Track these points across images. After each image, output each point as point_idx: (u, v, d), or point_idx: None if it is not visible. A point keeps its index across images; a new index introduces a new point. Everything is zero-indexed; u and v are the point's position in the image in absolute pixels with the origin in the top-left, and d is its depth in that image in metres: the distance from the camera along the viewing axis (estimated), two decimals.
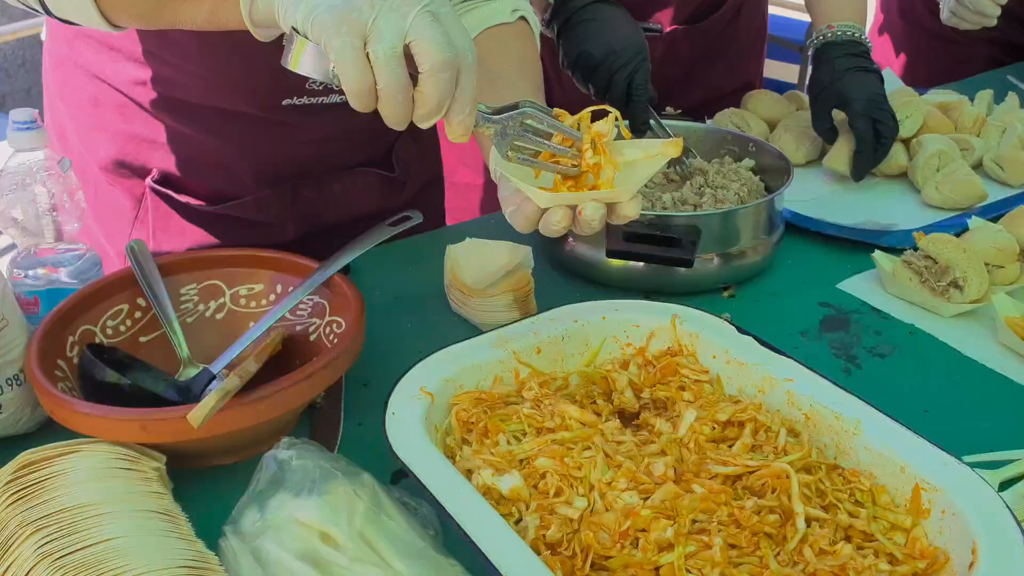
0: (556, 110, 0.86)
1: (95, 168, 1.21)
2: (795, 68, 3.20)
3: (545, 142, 0.85)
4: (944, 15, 1.85)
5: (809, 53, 1.50)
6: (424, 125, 0.78)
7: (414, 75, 0.76)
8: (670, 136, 1.31)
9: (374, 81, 0.74)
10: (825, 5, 1.49)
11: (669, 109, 1.52)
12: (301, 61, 0.77)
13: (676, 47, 1.66)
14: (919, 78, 1.96)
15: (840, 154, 1.44)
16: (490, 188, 1.79)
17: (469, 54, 0.78)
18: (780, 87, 1.77)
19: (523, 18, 1.18)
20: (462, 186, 1.81)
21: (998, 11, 1.75)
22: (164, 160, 1.18)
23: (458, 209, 1.82)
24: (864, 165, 1.41)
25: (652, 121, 1.34)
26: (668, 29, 1.64)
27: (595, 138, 0.86)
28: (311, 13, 0.74)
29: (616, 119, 0.87)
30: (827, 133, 1.46)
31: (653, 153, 0.87)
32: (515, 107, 0.84)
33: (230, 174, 1.20)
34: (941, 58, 1.99)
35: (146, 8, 0.88)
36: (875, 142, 1.38)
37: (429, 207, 1.45)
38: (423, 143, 1.42)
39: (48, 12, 0.91)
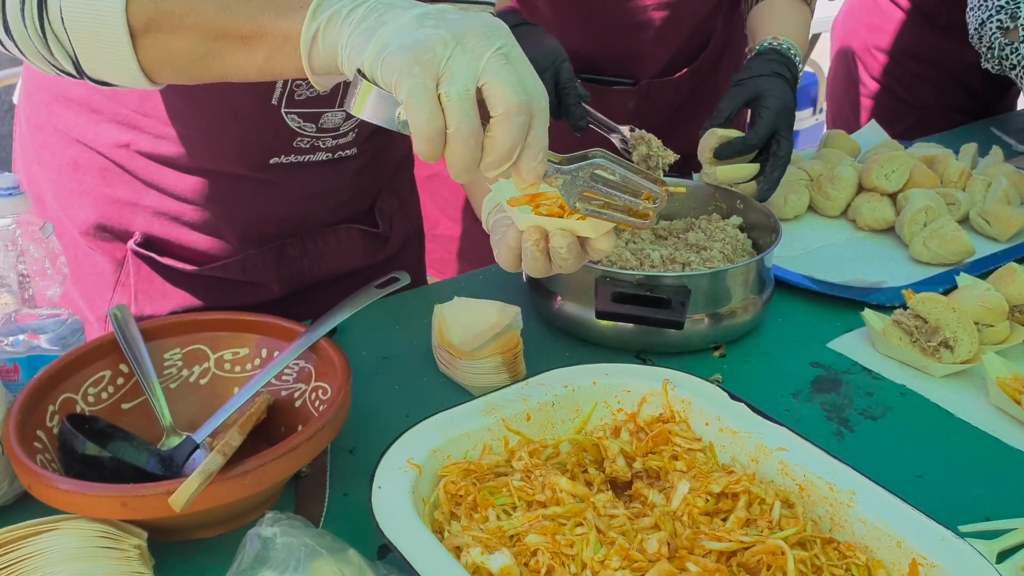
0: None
1: (74, 232, 1.19)
2: None
3: (616, 193, 0.83)
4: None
5: (748, 55, 1.51)
6: (491, 173, 0.76)
7: (484, 121, 0.74)
8: (613, 128, 1.38)
9: (444, 124, 0.72)
10: (773, 24, 1.51)
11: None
12: (365, 105, 0.75)
13: (650, 99, 1.66)
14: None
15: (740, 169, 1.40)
16: (469, 240, 1.79)
17: (542, 99, 0.75)
18: None
19: None
20: (444, 238, 1.80)
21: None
22: (147, 223, 1.17)
23: (440, 262, 1.82)
24: (765, 186, 1.39)
25: (590, 118, 1.38)
26: (643, 82, 1.64)
27: None
28: (381, 53, 0.72)
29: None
30: (723, 121, 1.43)
31: None
32: (585, 157, 0.82)
33: (215, 235, 1.19)
34: (902, 120, 2.01)
35: (194, 60, 0.83)
36: (773, 159, 1.38)
37: (411, 262, 1.45)
38: (404, 198, 1.42)
39: (82, 75, 0.87)
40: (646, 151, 1.35)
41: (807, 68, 3.68)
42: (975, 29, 1.67)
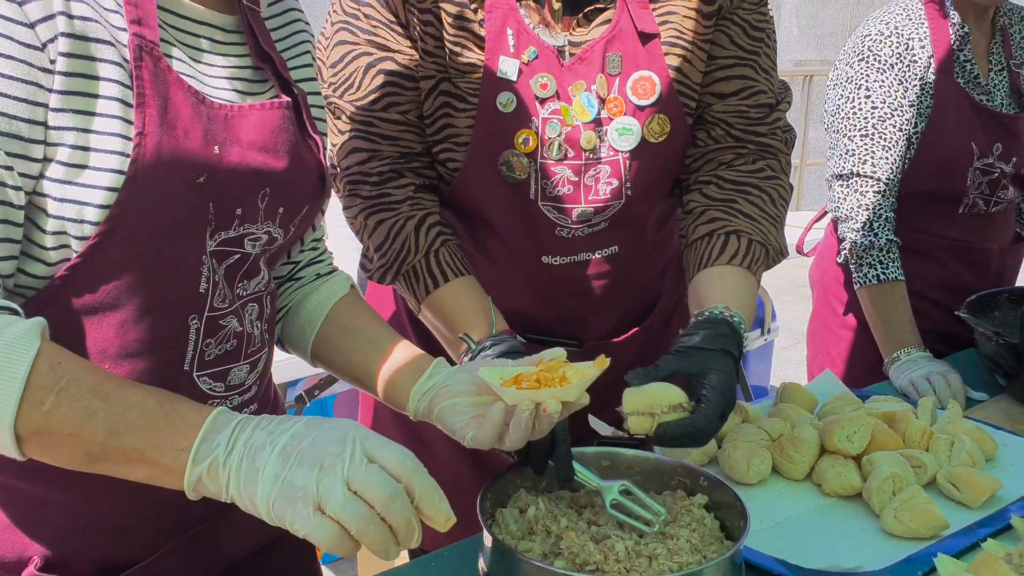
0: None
1: None
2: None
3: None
4: None
5: (695, 318, 1.39)
6: (412, 543, 0.88)
7: None
8: (595, 484, 1.20)
9: (342, 530, 0.84)
10: (725, 293, 1.41)
11: (614, 431, 1.43)
12: None
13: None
14: (856, 373, 1.97)
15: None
16: None
17: (408, 460, 0.87)
18: None
19: (351, 283, 1.33)
20: None
21: None
22: (49, 541, 1.01)
23: None
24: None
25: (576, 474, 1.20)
26: (589, 344, 1.56)
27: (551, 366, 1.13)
28: (267, 502, 0.86)
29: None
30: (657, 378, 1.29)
31: (587, 372, 1.13)
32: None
33: (127, 535, 1.05)
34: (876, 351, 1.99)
35: (76, 465, 0.90)
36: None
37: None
38: None
39: None
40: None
41: None
42: None
